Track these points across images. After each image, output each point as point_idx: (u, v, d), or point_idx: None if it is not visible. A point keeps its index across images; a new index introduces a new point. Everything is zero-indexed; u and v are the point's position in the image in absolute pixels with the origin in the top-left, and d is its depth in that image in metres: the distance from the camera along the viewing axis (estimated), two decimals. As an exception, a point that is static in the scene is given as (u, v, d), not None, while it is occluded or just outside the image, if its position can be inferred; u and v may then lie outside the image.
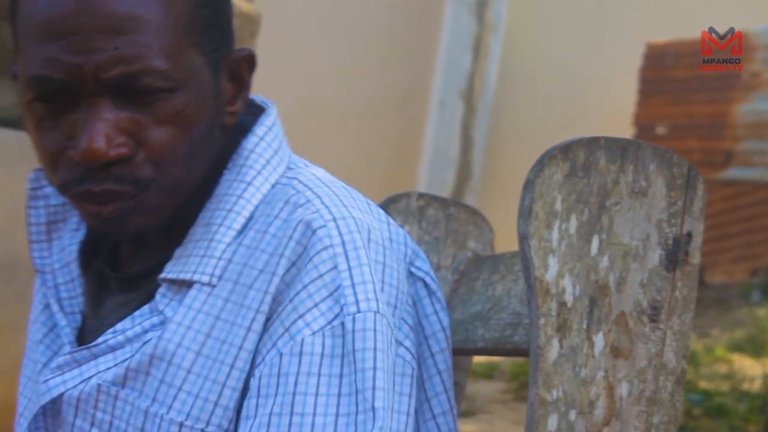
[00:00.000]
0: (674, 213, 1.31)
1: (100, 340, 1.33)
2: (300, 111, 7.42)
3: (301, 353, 1.24)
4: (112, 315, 1.37)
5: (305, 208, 1.29)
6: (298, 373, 1.24)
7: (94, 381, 1.32)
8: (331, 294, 1.26)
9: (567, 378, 1.27)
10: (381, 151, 8.01)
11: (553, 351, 1.26)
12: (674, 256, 1.31)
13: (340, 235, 1.27)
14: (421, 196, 1.60)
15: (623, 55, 8.96)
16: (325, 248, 1.27)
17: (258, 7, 4.49)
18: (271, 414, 1.23)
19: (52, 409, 1.36)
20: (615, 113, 8.90)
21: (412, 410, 1.31)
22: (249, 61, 1.36)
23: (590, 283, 1.28)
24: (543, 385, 1.26)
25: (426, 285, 1.37)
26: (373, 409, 1.23)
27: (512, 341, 1.41)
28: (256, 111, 1.41)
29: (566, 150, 1.28)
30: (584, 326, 1.28)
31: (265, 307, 1.27)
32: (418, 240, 1.60)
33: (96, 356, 1.33)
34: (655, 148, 1.31)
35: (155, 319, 1.31)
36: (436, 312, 1.37)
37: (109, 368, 1.32)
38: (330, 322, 1.25)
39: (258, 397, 1.25)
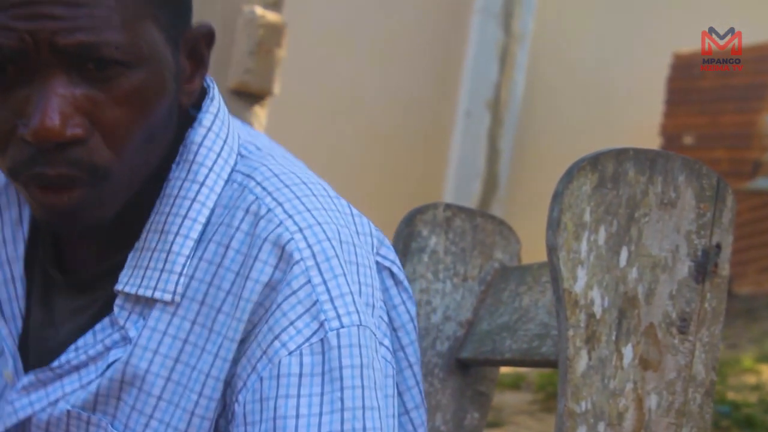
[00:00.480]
0: (703, 224, 1.31)
1: (62, 359, 1.27)
2: (325, 121, 7.44)
3: (278, 375, 1.19)
4: (67, 323, 1.30)
5: (268, 221, 1.22)
6: (277, 397, 1.19)
7: (62, 405, 1.27)
8: (307, 310, 1.20)
9: (596, 390, 1.26)
10: (407, 161, 8.01)
11: (581, 363, 1.26)
12: (703, 267, 1.31)
13: (309, 246, 1.21)
14: (448, 206, 1.60)
15: (650, 65, 8.93)
16: (297, 263, 1.20)
17: (284, 17, 4.50)
18: None
19: (16, 429, 1.30)
20: (642, 123, 8.87)
21: (396, 411, 1.27)
22: (208, 38, 1.27)
23: (619, 295, 1.28)
24: (572, 396, 1.25)
25: (392, 274, 1.32)
26: (364, 429, 1.19)
27: (540, 352, 1.41)
28: None
29: (595, 161, 1.28)
30: (613, 338, 1.27)
31: (232, 333, 1.21)
32: (444, 251, 1.60)
33: (60, 376, 1.27)
34: (684, 159, 1.31)
35: (117, 336, 1.25)
36: (403, 302, 1.33)
37: (75, 390, 1.26)
38: (308, 340, 1.19)
39: (245, 425, 1.20)
